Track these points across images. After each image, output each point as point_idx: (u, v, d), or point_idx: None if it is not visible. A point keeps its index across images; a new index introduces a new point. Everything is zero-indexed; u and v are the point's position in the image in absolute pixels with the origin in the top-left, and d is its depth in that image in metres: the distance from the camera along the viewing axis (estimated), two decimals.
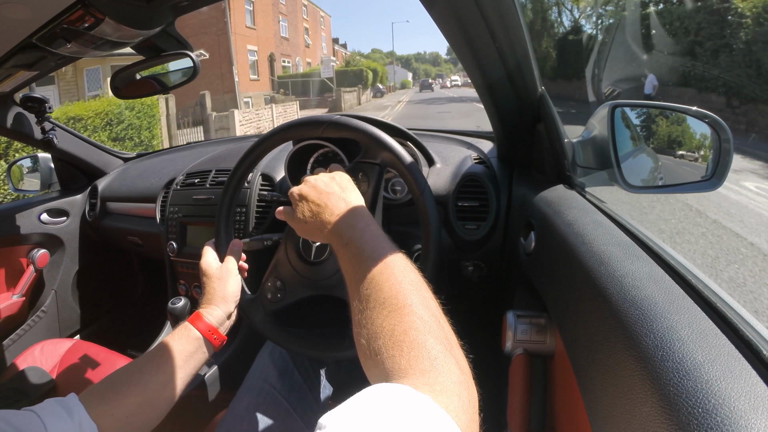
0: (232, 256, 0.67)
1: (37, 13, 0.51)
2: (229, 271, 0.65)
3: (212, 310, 0.61)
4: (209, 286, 0.64)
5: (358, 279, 0.43)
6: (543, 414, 0.64)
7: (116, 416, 0.50)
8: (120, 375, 0.54)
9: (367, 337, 0.37)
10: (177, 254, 1.08)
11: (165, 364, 0.55)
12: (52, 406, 0.47)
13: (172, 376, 0.55)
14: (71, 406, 0.47)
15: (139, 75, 0.80)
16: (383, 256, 0.44)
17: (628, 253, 0.45)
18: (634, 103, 0.67)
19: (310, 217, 0.55)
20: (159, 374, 0.54)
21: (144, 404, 0.52)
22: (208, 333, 0.60)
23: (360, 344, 0.39)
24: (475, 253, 0.88)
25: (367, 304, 0.40)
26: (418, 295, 0.39)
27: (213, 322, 0.61)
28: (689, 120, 0.63)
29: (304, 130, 0.67)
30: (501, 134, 0.89)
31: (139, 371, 0.54)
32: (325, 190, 0.57)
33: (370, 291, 0.41)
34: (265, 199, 0.97)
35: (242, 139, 1.64)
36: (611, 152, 0.63)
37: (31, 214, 1.26)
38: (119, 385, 0.52)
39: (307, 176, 0.61)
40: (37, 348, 1.04)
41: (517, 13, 0.58)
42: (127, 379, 0.53)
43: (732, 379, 0.27)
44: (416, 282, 0.41)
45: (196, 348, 0.58)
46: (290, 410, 0.70)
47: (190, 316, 0.61)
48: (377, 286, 0.40)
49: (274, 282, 0.68)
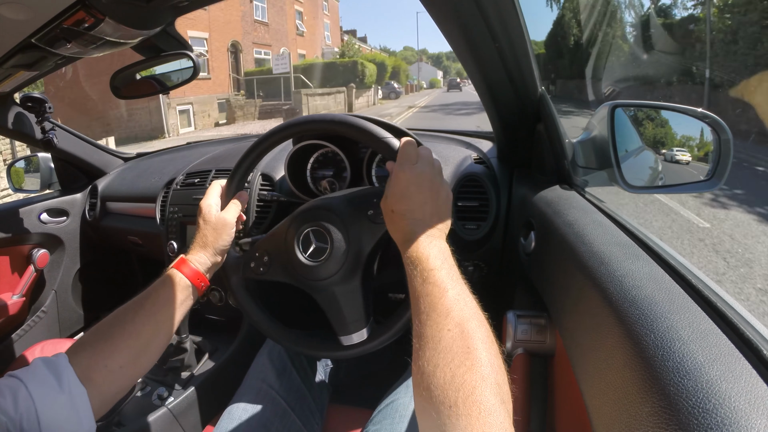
0: (234, 207, 0.65)
1: (37, 13, 0.51)
2: (226, 224, 0.63)
3: (199, 257, 0.60)
4: (202, 232, 0.62)
5: (429, 312, 0.41)
6: (543, 414, 0.64)
7: (109, 368, 0.49)
8: (111, 325, 0.52)
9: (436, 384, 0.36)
10: (177, 254, 1.08)
11: (157, 312, 0.54)
12: (39, 370, 0.45)
13: (164, 324, 0.55)
14: (60, 370, 0.45)
15: (139, 75, 0.80)
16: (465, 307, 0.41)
17: (628, 253, 0.45)
18: (634, 103, 0.68)
19: (416, 205, 0.49)
20: (152, 322, 0.54)
21: (137, 353, 0.52)
22: (196, 280, 0.59)
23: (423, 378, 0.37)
24: (475, 253, 0.88)
25: (429, 342, 0.39)
26: (485, 350, 0.38)
27: (200, 268, 0.60)
28: (689, 120, 0.63)
29: (304, 130, 0.67)
30: (501, 134, 0.89)
31: (131, 321, 0.53)
32: (445, 192, 0.52)
33: (432, 330, 0.39)
34: (265, 199, 0.97)
35: (242, 138, 1.64)
36: (611, 152, 0.63)
37: (31, 214, 1.26)
38: (111, 336, 0.51)
39: (423, 147, 0.55)
40: (37, 348, 1.04)
41: (517, 13, 0.58)
42: (120, 330, 0.52)
43: (732, 378, 0.27)
44: (486, 338, 0.39)
45: (186, 295, 0.58)
46: (288, 410, 0.70)
47: (176, 261, 0.60)
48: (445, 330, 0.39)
49: (262, 255, 0.67)
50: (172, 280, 0.57)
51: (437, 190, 0.51)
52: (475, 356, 0.36)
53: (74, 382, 0.45)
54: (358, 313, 0.62)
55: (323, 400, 0.78)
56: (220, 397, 0.95)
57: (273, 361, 0.76)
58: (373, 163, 0.91)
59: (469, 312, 0.40)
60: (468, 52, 0.65)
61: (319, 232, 0.62)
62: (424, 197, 0.49)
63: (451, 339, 0.38)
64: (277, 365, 0.75)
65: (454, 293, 0.41)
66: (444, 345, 0.37)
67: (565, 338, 0.48)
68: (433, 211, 0.50)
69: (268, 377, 0.73)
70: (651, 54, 8.64)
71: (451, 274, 0.44)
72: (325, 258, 0.61)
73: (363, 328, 0.62)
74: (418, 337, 0.40)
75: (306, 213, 0.64)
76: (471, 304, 0.42)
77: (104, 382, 0.48)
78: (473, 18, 0.56)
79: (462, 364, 0.36)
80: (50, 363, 0.46)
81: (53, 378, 0.44)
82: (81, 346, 0.50)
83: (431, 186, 0.50)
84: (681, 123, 0.65)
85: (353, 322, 0.62)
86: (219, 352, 1.02)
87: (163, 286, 0.57)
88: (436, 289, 0.42)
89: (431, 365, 0.36)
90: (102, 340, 0.51)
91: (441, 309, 0.40)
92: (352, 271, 0.62)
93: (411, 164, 0.51)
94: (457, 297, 0.41)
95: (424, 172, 0.51)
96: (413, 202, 0.49)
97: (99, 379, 0.48)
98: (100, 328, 0.52)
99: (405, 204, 0.49)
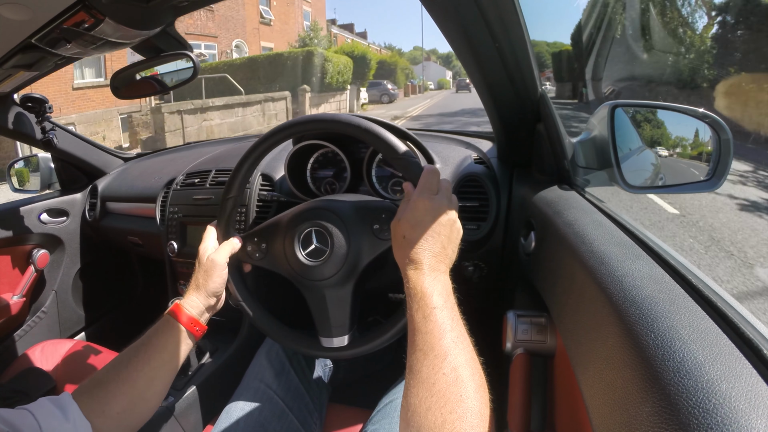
0: (227, 247, 0.65)
1: (37, 13, 0.51)
2: (215, 266, 0.62)
3: (191, 301, 0.61)
4: (195, 275, 0.63)
5: (426, 351, 0.42)
6: (543, 414, 0.64)
7: (107, 413, 0.50)
8: (107, 372, 0.54)
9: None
10: (177, 254, 1.08)
11: (151, 358, 0.55)
12: (45, 404, 0.47)
13: (159, 370, 0.55)
14: (65, 405, 0.47)
15: (139, 75, 0.80)
16: (460, 349, 0.42)
17: (629, 253, 0.45)
18: (634, 103, 0.68)
19: (429, 236, 0.49)
20: (146, 369, 0.54)
21: (134, 400, 0.52)
22: (190, 325, 0.59)
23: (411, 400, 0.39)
24: (475, 253, 0.88)
25: (418, 375, 0.41)
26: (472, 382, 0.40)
27: (193, 313, 0.60)
28: (689, 120, 0.63)
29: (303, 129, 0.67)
30: (501, 134, 0.89)
31: (126, 368, 0.54)
32: (457, 228, 0.52)
33: (422, 365, 0.41)
34: (265, 198, 0.97)
35: (242, 139, 1.64)
36: (611, 152, 0.63)
37: (31, 214, 1.26)
38: (107, 382, 0.52)
39: (444, 179, 0.55)
40: (37, 349, 1.04)
41: (517, 13, 0.58)
42: (115, 377, 0.53)
43: (733, 378, 0.27)
44: (475, 374, 0.41)
45: (180, 340, 0.58)
46: (286, 410, 0.70)
47: (171, 307, 0.61)
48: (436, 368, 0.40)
49: (260, 241, 0.67)
50: (167, 327, 0.58)
51: (451, 226, 0.51)
52: (467, 405, 0.37)
53: (78, 415, 0.47)
54: (343, 319, 0.63)
55: (322, 400, 0.78)
56: (220, 397, 0.95)
57: (271, 361, 0.76)
58: (373, 164, 0.91)
59: (465, 358, 0.41)
60: (468, 52, 0.65)
61: (321, 234, 0.62)
62: (437, 230, 0.50)
63: (446, 384, 0.39)
64: (275, 365, 0.75)
65: (453, 335, 0.42)
66: (438, 388, 0.39)
67: (566, 338, 0.48)
68: (443, 246, 0.50)
69: (266, 377, 0.73)
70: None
71: (452, 315, 0.45)
72: (323, 260, 0.62)
73: (345, 335, 0.63)
74: (412, 373, 0.41)
75: (312, 211, 0.64)
76: (468, 348, 0.43)
77: (104, 427, 0.49)
78: (473, 18, 0.56)
79: (453, 411, 0.37)
80: (55, 400, 0.48)
81: (59, 411, 0.46)
82: (80, 392, 0.51)
83: (447, 221, 0.51)
84: (681, 123, 0.65)
85: (337, 327, 0.63)
86: (219, 352, 1.02)
87: (157, 334, 0.57)
88: (436, 328, 0.43)
89: (423, 407, 0.38)
90: (98, 386, 0.52)
91: (439, 350, 0.41)
92: (346, 279, 0.62)
93: (431, 194, 0.52)
94: (455, 340, 0.42)
95: (442, 205, 0.51)
96: (426, 233, 0.49)
97: (99, 424, 0.49)
98: (98, 374, 0.53)
99: (418, 233, 0.49)
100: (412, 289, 0.47)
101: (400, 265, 0.50)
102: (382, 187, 0.92)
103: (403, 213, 0.52)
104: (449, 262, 0.51)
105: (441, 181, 0.54)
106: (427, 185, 0.53)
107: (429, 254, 0.48)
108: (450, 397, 0.38)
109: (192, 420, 0.88)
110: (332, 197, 0.68)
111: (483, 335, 0.98)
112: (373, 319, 1.15)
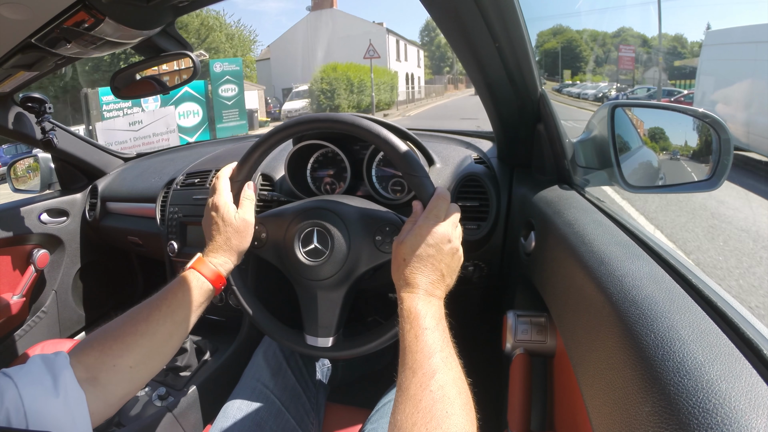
0: (250, 204, 0.62)
1: (37, 13, 0.51)
2: (248, 225, 0.60)
3: (220, 259, 0.58)
4: (225, 235, 0.59)
5: (415, 369, 0.43)
6: (543, 414, 0.64)
7: (118, 367, 0.48)
8: (122, 325, 0.51)
9: None
10: (177, 254, 1.08)
11: (173, 313, 0.53)
12: (35, 369, 0.43)
13: (181, 325, 0.53)
14: (58, 371, 0.44)
15: (139, 75, 0.80)
16: (449, 372, 0.43)
17: (629, 253, 0.45)
18: (634, 103, 0.68)
19: (429, 262, 0.50)
20: (167, 323, 0.52)
21: (149, 353, 0.50)
22: (216, 281, 0.57)
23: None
24: (475, 253, 0.88)
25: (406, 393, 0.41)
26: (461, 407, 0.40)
27: (221, 270, 0.58)
28: (689, 120, 0.63)
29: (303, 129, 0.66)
30: (501, 134, 0.89)
31: (145, 320, 0.51)
32: (459, 256, 0.53)
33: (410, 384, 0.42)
34: (265, 199, 0.97)
35: (242, 139, 1.64)
36: (611, 152, 0.63)
37: (31, 214, 1.26)
38: (123, 335, 0.50)
39: (455, 208, 0.55)
40: (37, 348, 1.04)
41: (517, 13, 0.58)
42: (132, 330, 0.50)
43: (733, 378, 0.27)
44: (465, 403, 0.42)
45: (205, 296, 0.56)
46: (283, 410, 0.70)
47: (195, 261, 0.57)
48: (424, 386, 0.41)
49: (261, 230, 0.66)
50: (190, 281, 0.55)
51: (452, 254, 0.52)
52: (452, 421, 0.38)
53: (72, 385, 0.44)
54: (330, 321, 0.63)
55: (320, 400, 0.78)
56: (220, 397, 0.95)
57: (268, 361, 0.76)
58: (373, 164, 0.91)
59: (452, 377, 0.42)
60: (468, 51, 0.65)
61: (323, 235, 0.62)
62: (438, 258, 0.50)
63: (432, 401, 0.39)
64: (272, 364, 0.75)
65: (442, 356, 0.43)
66: (424, 405, 0.39)
67: (566, 338, 0.48)
68: (441, 275, 0.51)
69: (263, 376, 0.74)
70: None
71: (443, 337, 0.46)
72: (321, 261, 0.62)
73: (330, 337, 0.63)
74: (401, 391, 0.42)
75: (315, 211, 0.64)
76: (456, 369, 0.44)
77: (111, 382, 0.47)
78: (473, 18, 0.56)
79: (439, 426, 0.38)
80: (49, 362, 0.45)
81: (49, 378, 0.43)
82: (88, 344, 0.49)
83: (449, 250, 0.51)
84: (681, 123, 0.65)
85: (323, 327, 0.63)
86: (219, 352, 1.02)
87: (181, 287, 0.55)
88: (426, 348, 0.44)
89: (409, 422, 0.38)
90: (111, 339, 0.49)
91: (427, 369, 0.42)
92: (340, 283, 0.62)
93: (437, 220, 0.52)
94: (444, 360, 0.43)
95: (447, 232, 0.52)
96: (427, 258, 0.50)
97: (105, 379, 0.47)
98: (109, 327, 0.51)
99: (418, 259, 0.50)
100: (405, 310, 0.47)
101: (397, 286, 0.51)
102: (382, 188, 0.92)
103: (406, 235, 0.52)
104: (446, 289, 0.52)
105: (450, 206, 0.54)
106: (434, 211, 0.53)
107: (426, 281, 0.49)
108: (436, 413, 0.38)
109: (192, 420, 0.88)
110: (339, 199, 0.68)
111: (483, 335, 0.98)
112: (373, 319, 1.15)
